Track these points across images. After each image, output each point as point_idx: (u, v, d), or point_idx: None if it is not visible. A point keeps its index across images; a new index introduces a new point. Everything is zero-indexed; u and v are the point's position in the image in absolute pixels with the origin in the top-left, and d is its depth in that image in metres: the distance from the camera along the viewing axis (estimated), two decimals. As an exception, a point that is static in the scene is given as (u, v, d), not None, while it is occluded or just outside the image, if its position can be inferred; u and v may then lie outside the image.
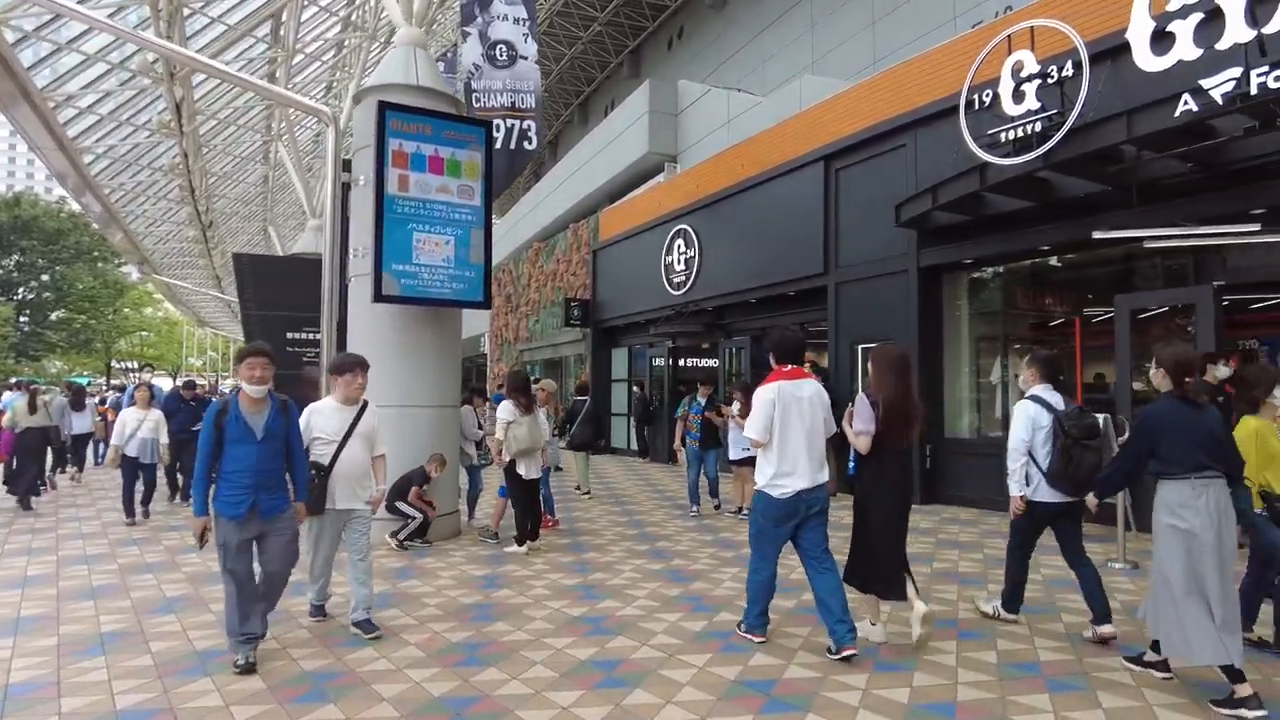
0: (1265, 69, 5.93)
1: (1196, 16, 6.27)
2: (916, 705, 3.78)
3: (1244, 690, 3.62)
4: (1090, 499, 4.69)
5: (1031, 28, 7.62)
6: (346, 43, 20.60)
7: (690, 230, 15.24)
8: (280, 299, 11.90)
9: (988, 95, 7.93)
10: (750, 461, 8.93)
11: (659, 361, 16.71)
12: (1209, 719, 3.63)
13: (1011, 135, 7.65)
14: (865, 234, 11.29)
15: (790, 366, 4.67)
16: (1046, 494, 4.77)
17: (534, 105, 15.10)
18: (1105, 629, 4.68)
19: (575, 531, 8.60)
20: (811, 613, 4.95)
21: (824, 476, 4.57)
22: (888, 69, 11.54)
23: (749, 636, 4.75)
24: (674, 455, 12.96)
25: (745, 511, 9.29)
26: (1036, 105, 7.47)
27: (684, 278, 15.38)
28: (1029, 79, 7.53)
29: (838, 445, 5.06)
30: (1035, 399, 4.91)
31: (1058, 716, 3.65)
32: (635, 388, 17.39)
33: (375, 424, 5.18)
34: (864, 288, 11.32)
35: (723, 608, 5.53)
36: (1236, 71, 6.06)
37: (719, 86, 24.37)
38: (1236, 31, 6.07)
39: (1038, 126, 7.44)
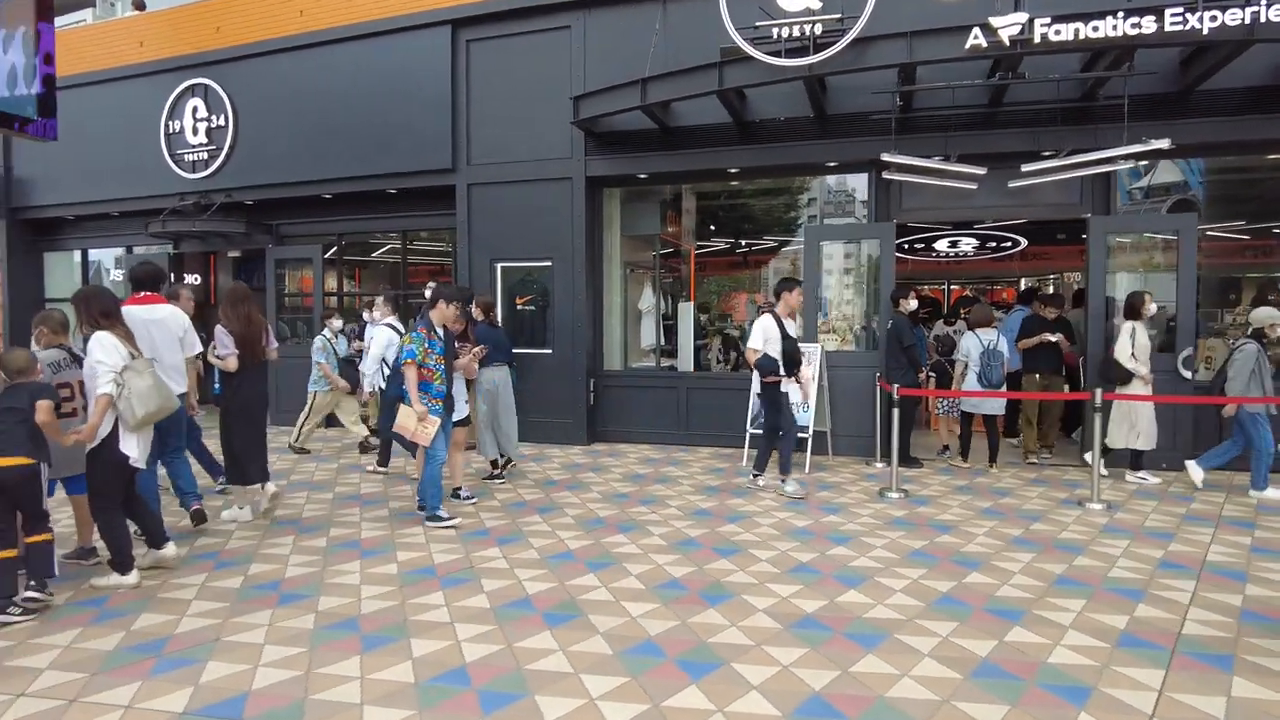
0: (1048, 20, 6.23)
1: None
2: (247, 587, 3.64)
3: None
4: None
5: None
6: None
7: (217, 89, 10.77)
8: None
9: (755, -18, 6.92)
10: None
11: (149, 273, 11.70)
12: None
13: (786, 33, 6.80)
14: (512, 128, 9.31)
15: (144, 294, 5.31)
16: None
17: None
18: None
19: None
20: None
21: (180, 387, 5.31)
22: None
23: None
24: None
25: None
26: (818, 5, 6.75)
27: (205, 156, 10.87)
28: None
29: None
30: (389, 325, 7.37)
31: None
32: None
33: None
34: (510, 193, 9.37)
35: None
36: (1022, 17, 6.24)
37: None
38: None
39: (817, 29, 6.74)
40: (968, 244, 12.78)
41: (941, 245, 12.91)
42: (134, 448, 4.44)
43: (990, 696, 3.17)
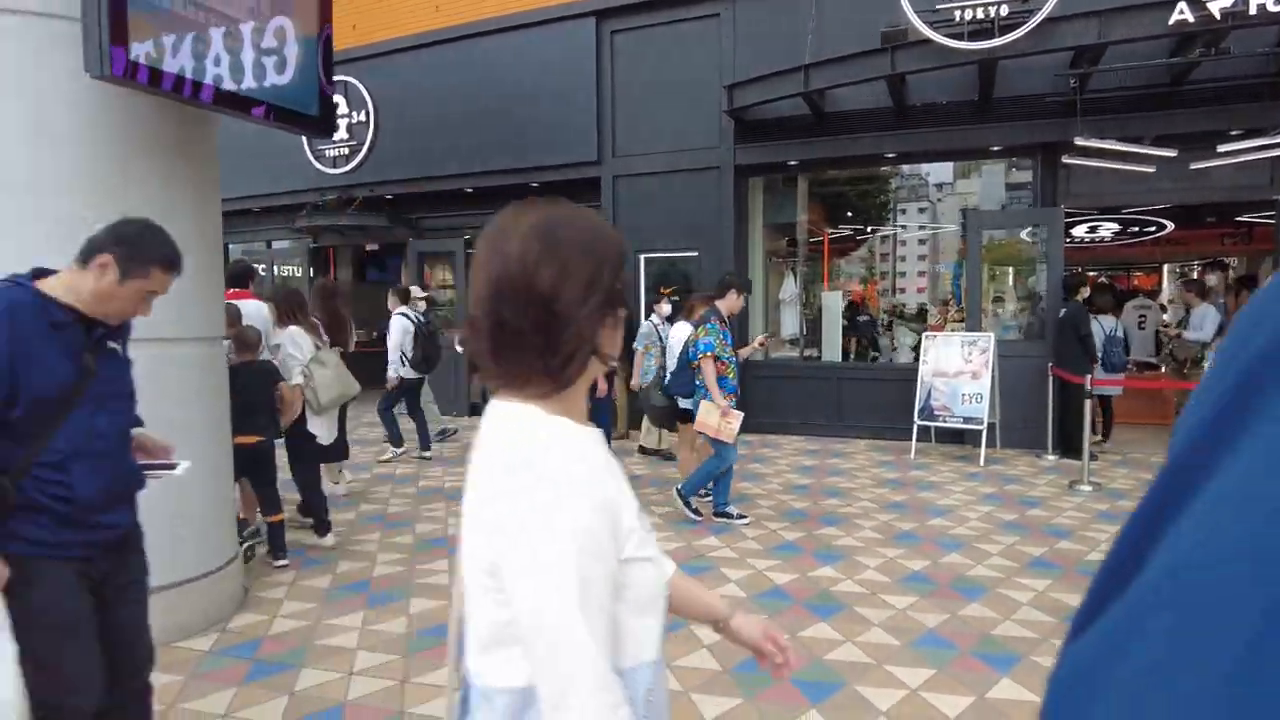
0: (1266, -10, 5.93)
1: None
2: None
3: None
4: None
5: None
6: None
7: (357, 85, 11.06)
8: None
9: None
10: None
11: (289, 270, 12.13)
12: None
13: (969, 15, 6.64)
14: (657, 119, 9.32)
15: (234, 289, 5.31)
16: (410, 374, 7.54)
17: None
18: (395, 450, 7.79)
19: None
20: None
21: None
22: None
23: None
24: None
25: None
26: (1005, -16, 6.57)
27: (346, 151, 11.19)
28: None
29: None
30: (403, 314, 7.56)
31: None
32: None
33: None
34: (655, 184, 9.40)
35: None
36: (1236, -12, 5.96)
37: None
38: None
39: (1003, 10, 6.57)
40: (1107, 229, 12.31)
41: (1078, 230, 12.45)
42: (319, 427, 4.95)
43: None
